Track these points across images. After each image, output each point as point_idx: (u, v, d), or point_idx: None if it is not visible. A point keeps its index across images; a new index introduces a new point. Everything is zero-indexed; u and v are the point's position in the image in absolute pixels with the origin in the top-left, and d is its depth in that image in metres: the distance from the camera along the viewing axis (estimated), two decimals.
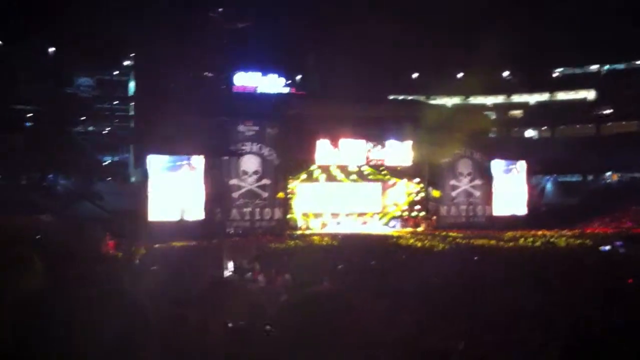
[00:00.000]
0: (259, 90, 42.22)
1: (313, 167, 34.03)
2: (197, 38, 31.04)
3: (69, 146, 36.64)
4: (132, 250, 19.06)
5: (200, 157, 29.88)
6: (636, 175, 44.40)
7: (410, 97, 50.06)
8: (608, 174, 45.78)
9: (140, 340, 1.51)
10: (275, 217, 31.65)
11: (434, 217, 35.59)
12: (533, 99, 54.50)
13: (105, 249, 19.84)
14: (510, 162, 37.43)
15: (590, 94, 52.92)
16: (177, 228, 25.87)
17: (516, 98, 54.76)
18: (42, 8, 39.03)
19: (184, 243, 23.02)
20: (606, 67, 53.74)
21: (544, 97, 54.42)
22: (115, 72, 46.57)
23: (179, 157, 30.28)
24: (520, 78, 53.24)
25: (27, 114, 41.38)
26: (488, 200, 36.18)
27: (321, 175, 34.17)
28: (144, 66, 42.78)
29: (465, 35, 45.90)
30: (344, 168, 34.54)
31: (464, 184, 36.03)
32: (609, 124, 50.93)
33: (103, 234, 21.26)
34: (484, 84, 46.76)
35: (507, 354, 6.24)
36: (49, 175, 35.82)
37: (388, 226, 34.59)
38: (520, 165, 37.53)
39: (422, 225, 34.92)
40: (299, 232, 31.03)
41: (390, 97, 48.17)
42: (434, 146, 34.21)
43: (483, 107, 53.28)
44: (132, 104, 45.89)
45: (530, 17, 46.42)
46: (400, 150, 35.40)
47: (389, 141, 35.24)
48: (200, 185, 29.55)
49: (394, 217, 35.32)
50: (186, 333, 2.26)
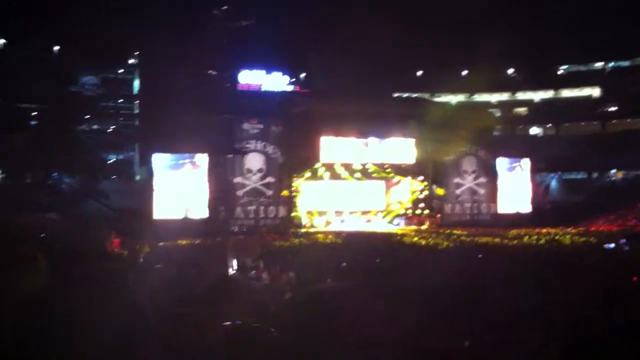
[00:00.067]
0: (263, 88, 42.24)
1: (317, 165, 33.93)
2: (201, 36, 31.05)
3: (73, 145, 36.71)
4: (137, 249, 19.12)
5: (205, 155, 29.92)
6: None
7: (414, 95, 50.04)
8: (612, 171, 45.63)
9: (142, 339, 1.52)
10: (280, 215, 31.65)
11: (438, 215, 35.49)
12: (537, 96, 54.36)
13: (111, 247, 19.90)
14: (514, 159, 37.31)
15: (595, 92, 52.76)
16: (182, 226, 25.92)
17: (521, 95, 54.63)
18: (46, 7, 39.12)
19: (188, 241, 23.07)
20: (611, 64, 53.56)
21: (548, 94, 54.26)
22: (120, 71, 46.65)
23: (183, 155, 30.31)
24: (524, 75, 53.07)
25: (32, 113, 41.48)
26: (492, 198, 36.07)
27: (325, 173, 34.06)
28: (149, 64, 42.87)
29: (470, 33, 45.78)
30: (348, 166, 34.43)
31: (468, 181, 35.92)
32: (613, 121, 50.78)
33: (108, 232, 21.35)
34: (488, 81, 46.61)
35: (511, 353, 6.24)
36: (53, 174, 35.92)
37: (392, 224, 34.48)
38: (525, 162, 37.41)
39: (426, 223, 34.82)
40: (303, 230, 30.93)
41: (395, 95, 48.12)
42: (438, 144, 34.13)
43: (487, 104, 53.17)
44: (136, 102, 46.02)
45: (535, 15, 46.31)
46: (404, 148, 35.28)
47: (393, 139, 35.12)
48: (205, 183, 29.61)
49: (398, 215, 35.19)
50: (188, 332, 2.27)
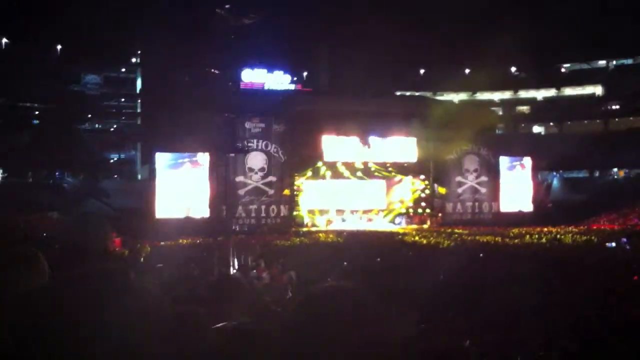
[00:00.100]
0: (265, 87, 42.27)
1: (319, 163, 33.89)
2: (203, 35, 31.06)
3: (75, 144, 36.80)
4: (138, 248, 19.16)
5: (206, 154, 29.90)
6: None
7: (416, 93, 49.99)
8: (614, 170, 45.53)
9: (142, 339, 1.53)
10: (281, 214, 31.63)
11: (439, 214, 35.39)
12: (540, 94, 54.27)
13: (112, 247, 19.93)
14: (516, 158, 37.18)
15: (598, 90, 52.66)
16: (183, 225, 25.94)
17: (523, 94, 54.54)
18: (48, 6, 39.19)
19: (189, 240, 23.11)
20: (614, 62, 53.44)
21: (551, 92, 54.16)
22: (122, 70, 46.77)
23: (185, 154, 30.29)
24: (527, 74, 52.95)
25: (35, 112, 41.60)
26: (494, 197, 35.95)
27: (327, 172, 34.06)
28: (151, 63, 42.97)
29: (472, 32, 45.73)
30: (349, 165, 34.38)
31: (470, 180, 35.76)
32: (616, 119, 50.67)
33: (110, 232, 21.36)
34: (490, 80, 46.53)
35: (511, 351, 6.27)
36: (55, 173, 36.01)
37: (394, 223, 34.45)
38: (527, 161, 37.31)
39: (428, 222, 34.82)
40: (304, 229, 30.95)
41: (397, 93, 48.11)
42: (440, 142, 34.09)
43: (490, 103, 53.10)
44: (138, 101, 46.13)
45: (537, 13, 46.20)
46: (406, 147, 35.20)
47: (395, 137, 35.04)
48: (206, 182, 29.60)
49: (399, 214, 35.16)
50: (188, 332, 2.29)
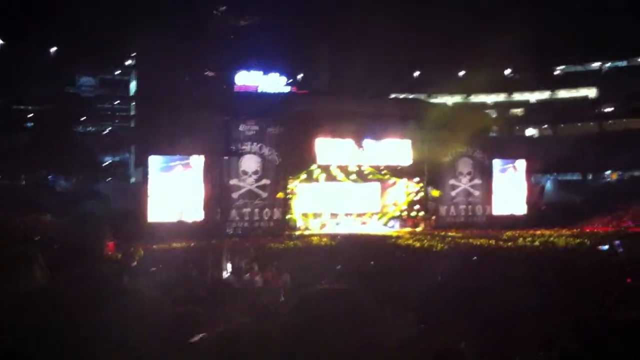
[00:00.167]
0: (260, 90, 42.21)
1: (313, 166, 33.76)
2: (199, 37, 31.04)
3: (70, 146, 36.72)
4: (131, 252, 19.10)
5: (201, 157, 29.82)
6: (636, 173, 44.26)
7: (411, 96, 50.05)
8: (607, 172, 45.67)
9: (138, 341, 1.54)
10: (275, 218, 31.55)
11: (433, 217, 35.28)
12: (534, 97, 54.44)
13: (106, 250, 19.86)
14: (510, 161, 37.21)
15: (592, 92, 52.83)
16: (177, 229, 25.88)
17: (517, 96, 54.72)
18: (43, 8, 39.12)
19: (183, 244, 23.04)
20: (608, 64, 53.63)
21: (545, 95, 54.33)
22: (117, 72, 46.71)
23: (179, 157, 30.16)
24: (521, 76, 53.10)
25: (29, 114, 41.50)
26: (488, 200, 35.98)
27: (321, 175, 33.90)
28: (145, 66, 42.85)
29: (467, 34, 45.88)
30: (343, 168, 34.25)
31: (463, 183, 35.78)
32: (610, 121, 50.84)
33: (107, 234, 21.26)
34: (485, 82, 46.64)
35: (510, 352, 6.30)
36: (49, 176, 35.92)
37: (387, 226, 34.39)
38: (520, 164, 37.36)
39: (421, 225, 34.74)
40: (298, 232, 30.88)
41: (391, 96, 48.16)
42: (435, 145, 34.07)
43: (484, 105, 53.21)
44: (133, 103, 46.03)
45: (531, 15, 46.35)
46: (400, 150, 35.10)
47: (389, 140, 34.97)
48: (200, 185, 29.53)
49: (393, 217, 35.10)
50: (187, 332, 2.30)
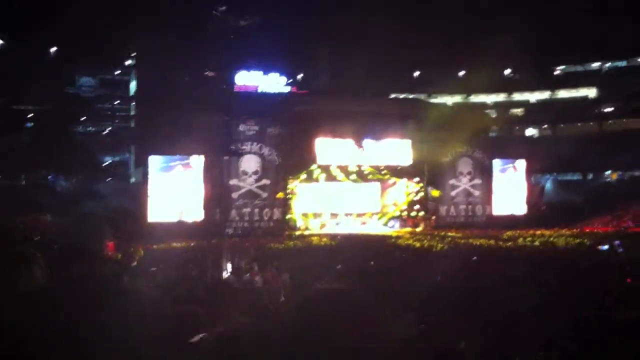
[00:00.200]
0: (260, 90, 42.21)
1: (313, 166, 33.74)
2: (199, 37, 31.01)
3: (70, 146, 36.72)
4: (131, 252, 19.08)
5: (201, 157, 29.79)
6: (637, 173, 44.28)
7: (411, 96, 50.06)
8: (607, 172, 45.69)
9: (137, 340, 1.53)
10: (275, 218, 31.52)
11: (433, 217, 35.24)
12: (534, 97, 54.45)
13: (106, 250, 19.85)
14: (510, 161, 37.19)
15: (592, 92, 52.84)
16: (177, 229, 25.88)
17: (517, 96, 54.70)
18: (43, 8, 39.13)
19: (183, 244, 23.04)
20: (607, 64, 53.64)
21: (545, 95, 54.33)
22: (117, 72, 46.71)
23: (179, 157, 30.13)
24: (521, 76, 53.10)
25: (29, 114, 41.50)
26: (488, 200, 35.95)
27: (321, 175, 33.87)
28: (145, 66, 42.84)
29: (467, 34, 45.88)
30: (343, 167, 34.22)
31: (463, 183, 35.74)
32: (610, 121, 50.84)
33: (107, 234, 21.22)
34: (485, 82, 46.66)
35: (510, 352, 6.30)
36: (49, 176, 35.93)
37: (387, 226, 34.36)
38: (520, 164, 37.36)
39: (422, 225, 34.71)
40: (298, 232, 30.84)
41: (391, 96, 48.16)
42: (434, 145, 34.07)
43: (484, 105, 53.21)
44: (133, 103, 46.03)
45: (531, 15, 46.38)
46: (400, 150, 35.08)
47: (389, 140, 34.95)
48: (200, 185, 29.51)
49: (393, 217, 35.08)
50: (187, 331, 2.30)
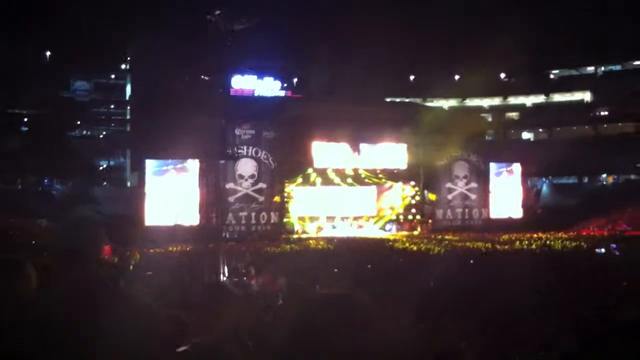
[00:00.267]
0: (256, 94, 42.24)
1: (309, 170, 33.80)
2: (194, 41, 30.98)
3: (65, 150, 36.60)
4: (128, 256, 19.04)
5: (196, 161, 29.72)
6: (632, 177, 44.50)
7: (406, 100, 50.18)
8: (603, 176, 45.87)
9: (132, 345, 1.51)
10: (271, 221, 31.47)
11: (429, 221, 35.40)
12: (529, 101, 54.58)
13: (102, 254, 19.78)
14: (506, 164, 37.31)
15: (587, 96, 53.05)
16: (173, 232, 25.80)
17: (512, 100, 54.83)
18: (38, 12, 39.08)
19: (179, 248, 22.97)
20: (602, 68, 53.87)
21: (540, 99, 54.49)
22: (112, 76, 46.63)
23: (175, 161, 30.09)
24: (516, 80, 53.29)
25: (24, 118, 41.38)
26: (484, 203, 36.01)
27: (317, 179, 33.96)
28: (141, 69, 42.80)
29: (462, 38, 46.03)
30: (340, 171, 34.31)
31: (459, 187, 35.80)
32: (605, 125, 51.02)
33: (103, 239, 21.14)
34: (480, 86, 46.77)
35: (510, 352, 6.29)
36: (44, 180, 35.81)
37: (384, 230, 34.42)
38: (516, 167, 37.46)
39: (418, 228, 34.82)
40: (295, 236, 30.85)
41: (387, 100, 48.23)
42: (430, 149, 34.16)
43: (479, 109, 53.36)
44: (128, 107, 45.95)
45: (526, 19, 46.56)
46: (396, 153, 35.20)
47: (385, 144, 35.05)
48: (195, 189, 29.41)
49: (390, 221, 35.15)
50: (172, 339, 2.26)
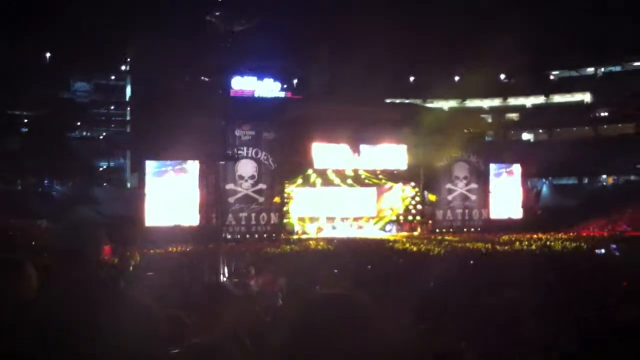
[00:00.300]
0: (256, 95, 42.27)
1: (309, 171, 33.80)
2: (194, 42, 31.03)
3: (65, 151, 36.62)
4: (128, 256, 19.06)
5: (196, 162, 29.74)
6: (632, 178, 44.51)
7: (406, 101, 50.20)
8: (603, 177, 45.88)
9: (132, 347, 1.52)
10: (272, 222, 31.46)
11: (429, 221, 35.37)
12: (529, 102, 54.60)
13: (102, 255, 19.78)
14: (506, 165, 37.30)
15: (587, 97, 53.06)
16: (173, 233, 25.82)
17: (512, 101, 54.84)
18: (38, 12, 39.11)
19: (179, 248, 23.00)
20: (602, 69, 53.89)
21: (540, 100, 54.50)
22: (112, 77, 46.66)
23: (175, 162, 30.12)
24: (516, 81, 53.32)
25: (24, 119, 41.41)
26: (484, 204, 35.99)
27: (317, 180, 33.95)
28: (141, 70, 42.84)
29: (462, 38, 46.05)
30: (340, 172, 34.31)
31: (459, 187, 35.76)
32: (605, 126, 51.03)
33: (103, 239, 21.16)
34: (480, 87, 46.79)
35: (510, 352, 6.29)
36: (44, 181, 35.83)
37: (384, 230, 34.43)
38: (516, 168, 37.46)
39: (418, 229, 34.84)
40: (295, 236, 30.89)
41: (387, 101, 48.25)
42: (430, 150, 34.15)
43: (479, 110, 53.38)
44: (128, 108, 45.98)
45: (526, 20, 46.58)
46: (396, 154, 35.19)
47: (385, 145, 35.04)
48: (195, 190, 29.43)
49: (390, 222, 35.13)
50: (172, 340, 2.27)
